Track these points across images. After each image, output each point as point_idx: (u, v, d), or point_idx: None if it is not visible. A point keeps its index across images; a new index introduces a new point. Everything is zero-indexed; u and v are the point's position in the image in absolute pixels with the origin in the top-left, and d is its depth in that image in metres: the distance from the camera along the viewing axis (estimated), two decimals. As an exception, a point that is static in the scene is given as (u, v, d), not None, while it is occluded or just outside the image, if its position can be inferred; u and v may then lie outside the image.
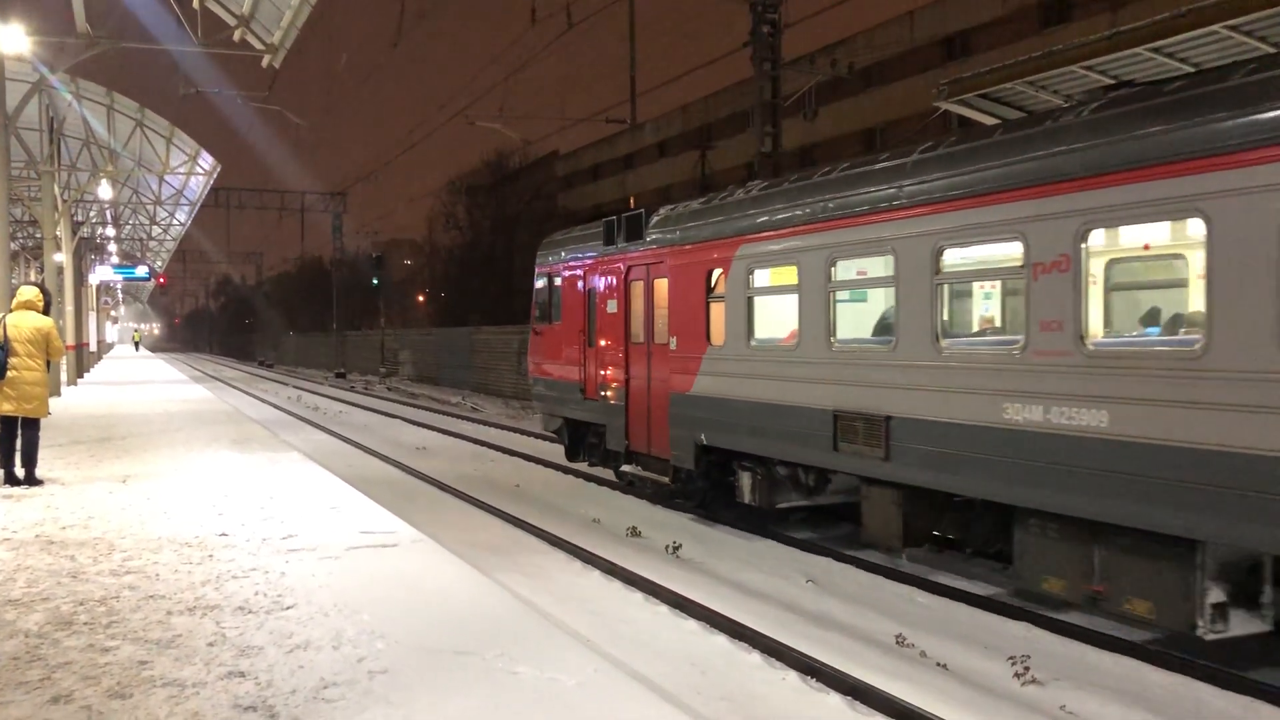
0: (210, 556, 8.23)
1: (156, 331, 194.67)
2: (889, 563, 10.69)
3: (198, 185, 38.53)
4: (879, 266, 9.91)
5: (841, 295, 10.57)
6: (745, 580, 10.48)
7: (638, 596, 9.99)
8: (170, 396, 28.50)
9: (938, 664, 7.87)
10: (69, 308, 31.97)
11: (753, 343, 11.64)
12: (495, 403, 35.04)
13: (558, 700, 5.16)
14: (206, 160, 34.17)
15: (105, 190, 32.90)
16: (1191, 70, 9.30)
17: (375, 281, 58.64)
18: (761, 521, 12.66)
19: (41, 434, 12.29)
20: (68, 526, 9.48)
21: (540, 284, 17.28)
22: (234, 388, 47.12)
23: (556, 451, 18.06)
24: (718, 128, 55.55)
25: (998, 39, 36.49)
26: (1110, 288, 8.39)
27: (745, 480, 12.12)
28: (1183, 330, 7.65)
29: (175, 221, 48.82)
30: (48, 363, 12.12)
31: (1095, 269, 7.89)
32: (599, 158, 69.32)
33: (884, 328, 10.08)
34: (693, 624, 9.05)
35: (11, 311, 12.12)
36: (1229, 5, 8.52)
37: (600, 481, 16.47)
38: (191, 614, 6.59)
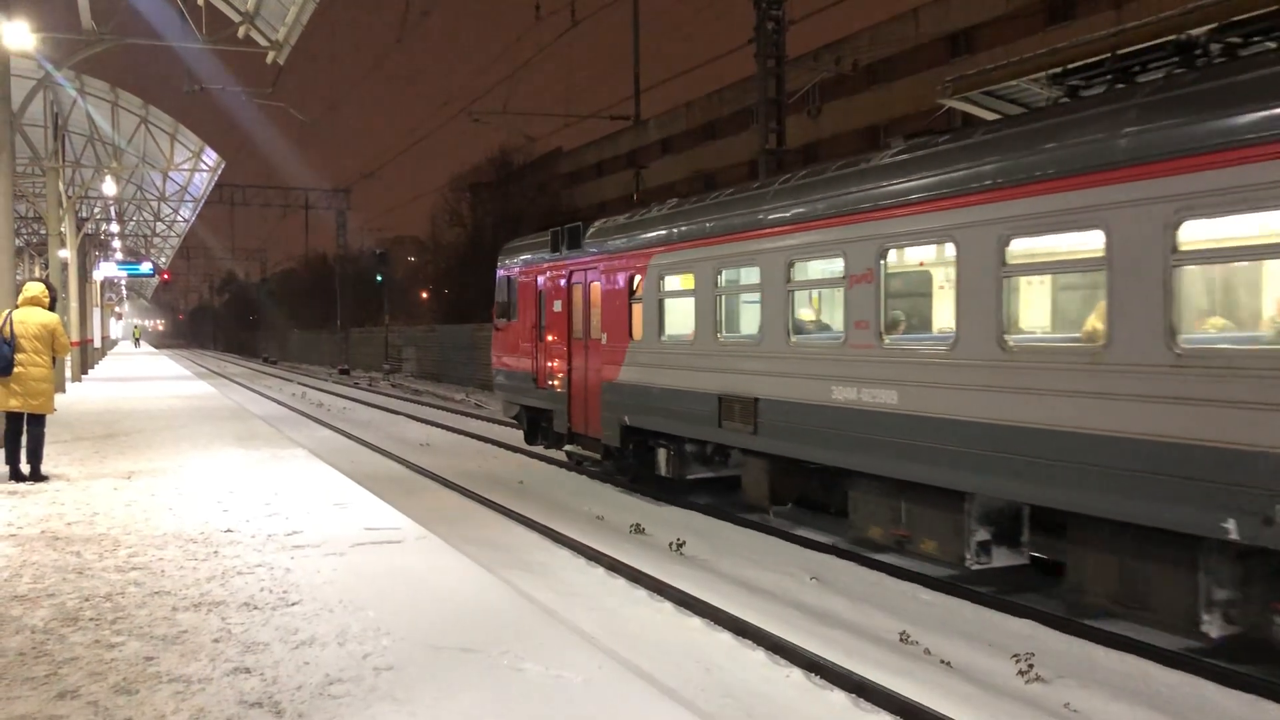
0: (215, 553, 8.24)
1: (161, 327, 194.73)
2: (893, 560, 10.69)
3: (202, 181, 38.56)
4: (751, 276, 11.86)
5: (725, 298, 12.67)
6: (749, 577, 10.49)
7: (642, 593, 10.00)
8: (174, 393, 28.54)
9: (941, 661, 7.87)
10: (73, 304, 31.99)
11: (663, 338, 13.70)
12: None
13: (563, 697, 5.16)
14: (211, 156, 34.20)
15: (109, 186, 32.93)
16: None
17: (379, 278, 58.67)
18: (674, 490, 14.73)
19: (46, 430, 12.30)
20: (73, 522, 9.49)
21: (501, 285, 19.47)
22: (238, 384, 47.17)
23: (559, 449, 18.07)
24: (721, 125, 55.52)
25: (1002, 36, 36.45)
26: (900, 295, 10.52)
27: (661, 455, 14.28)
28: (941, 329, 9.79)
29: (179, 218, 48.87)
30: (53, 359, 12.13)
31: (891, 280, 9.96)
32: (603, 155, 69.29)
33: (755, 325, 11.90)
34: (697, 621, 9.06)
35: (17, 308, 12.13)
36: (1234, 4, 8.49)
37: (604, 479, 16.48)
38: (197, 610, 6.60)
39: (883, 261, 9.66)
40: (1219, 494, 6.63)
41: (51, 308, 12.28)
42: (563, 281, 16.66)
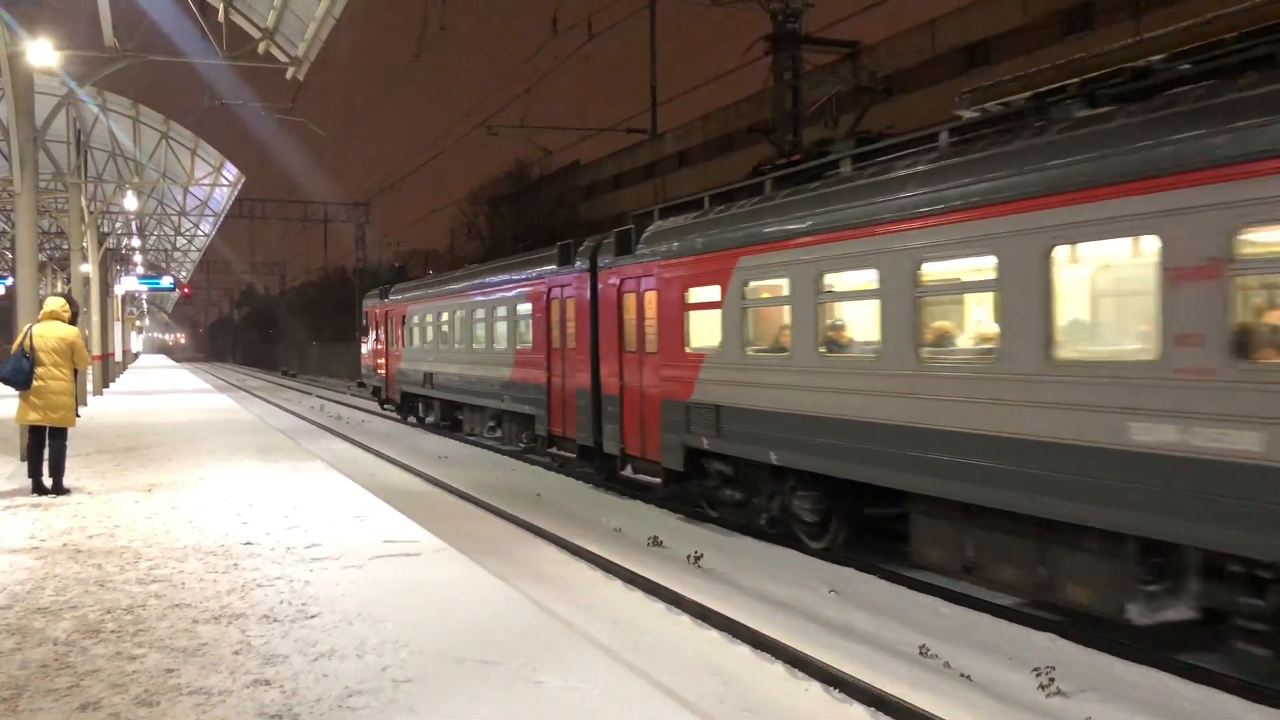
0: (235, 565, 8.28)
1: (182, 341, 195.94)
2: (912, 574, 10.64)
3: (222, 196, 38.86)
4: (436, 318, 25.89)
5: (431, 328, 26.35)
6: (767, 590, 10.45)
7: (660, 606, 9.98)
8: (195, 406, 28.71)
9: (961, 674, 7.82)
10: (95, 318, 32.27)
11: (413, 346, 28.15)
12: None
13: (581, 709, 5.16)
14: (230, 171, 34.47)
15: (131, 202, 33.20)
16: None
17: (397, 291, 58.85)
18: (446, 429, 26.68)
19: (68, 444, 12.39)
20: (95, 535, 9.56)
21: (363, 315, 36.13)
22: (257, 397, 47.40)
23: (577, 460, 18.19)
24: (739, 137, 55.52)
25: (1020, 47, 36.31)
26: (477, 323, 23.03)
27: (420, 408, 28.81)
28: (477, 343, 23.35)
29: (200, 232, 49.24)
30: (74, 372, 12.21)
31: (474, 320, 23.21)
32: (620, 167, 69.34)
33: (437, 340, 25.57)
34: (715, 634, 9.03)
35: (38, 322, 12.23)
36: (1255, 11, 8.45)
37: (621, 492, 16.48)
38: (217, 622, 6.63)
39: (475, 313, 22.91)
40: (520, 397, 19.93)
41: (73, 322, 12.36)
42: (383, 314, 32.20)
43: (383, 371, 31.89)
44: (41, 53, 15.42)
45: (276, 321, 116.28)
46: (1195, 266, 6.77)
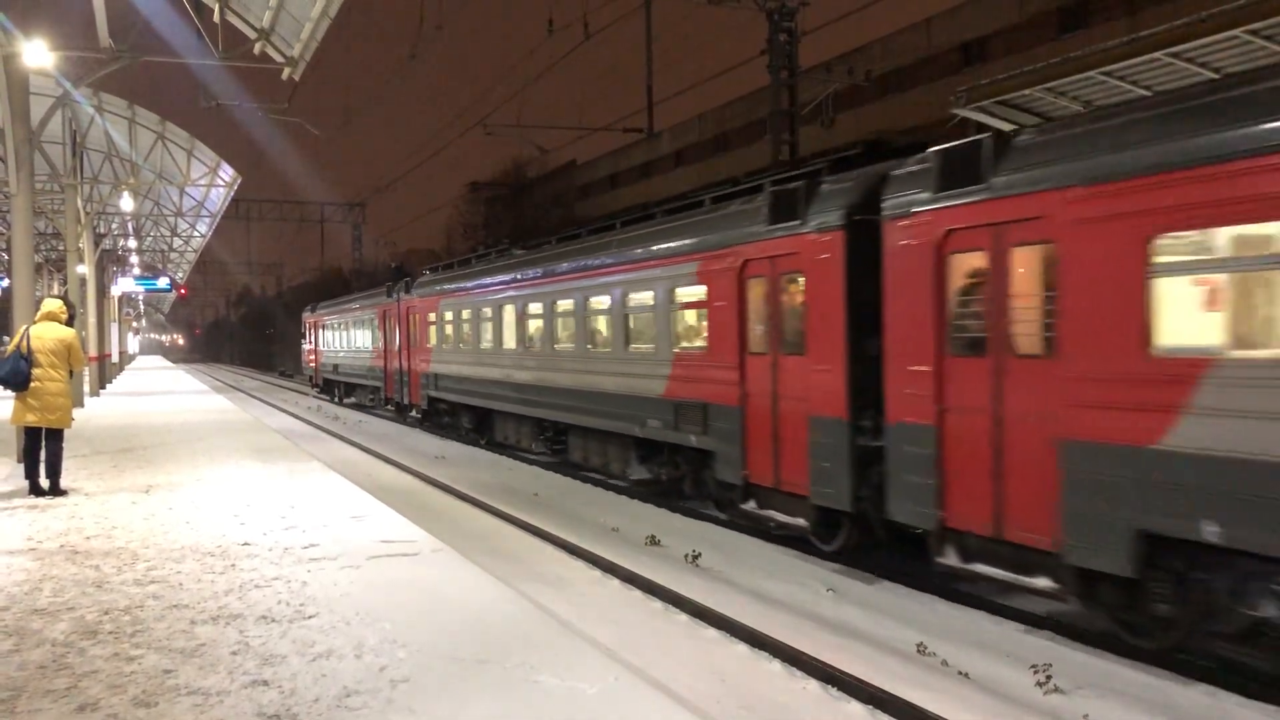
0: (233, 566, 8.28)
1: (180, 342, 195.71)
2: (910, 572, 10.66)
3: (218, 197, 38.77)
4: (342, 324, 40.00)
5: (333, 332, 41.95)
6: (765, 589, 10.46)
7: (657, 605, 9.99)
8: (191, 407, 28.67)
9: (959, 673, 7.83)
10: (91, 319, 32.20)
11: (326, 345, 43.48)
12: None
13: (579, 708, 5.16)
14: (227, 172, 34.40)
15: (127, 202, 33.15)
16: (1212, 75, 9.24)
17: (394, 291, 58.87)
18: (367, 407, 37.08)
19: (65, 445, 12.37)
20: (92, 536, 9.55)
21: (302, 323, 49.60)
22: (254, 398, 47.36)
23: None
24: (734, 136, 55.52)
25: (1015, 45, 36.32)
26: (348, 330, 38.96)
27: (338, 390, 42.09)
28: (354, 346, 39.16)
29: (196, 233, 49.13)
30: (70, 373, 12.20)
31: (350, 330, 39.51)
32: (616, 167, 69.32)
33: (342, 344, 39.90)
34: (713, 632, 9.04)
35: (35, 323, 12.22)
36: (1250, 9, 8.46)
37: (618, 490, 16.50)
38: (215, 623, 6.63)
39: (354, 322, 37.31)
40: (375, 376, 34.51)
41: (70, 323, 12.36)
42: (314, 324, 45.42)
43: (313, 363, 47.26)
44: (37, 53, 15.41)
45: (273, 322, 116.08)
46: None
